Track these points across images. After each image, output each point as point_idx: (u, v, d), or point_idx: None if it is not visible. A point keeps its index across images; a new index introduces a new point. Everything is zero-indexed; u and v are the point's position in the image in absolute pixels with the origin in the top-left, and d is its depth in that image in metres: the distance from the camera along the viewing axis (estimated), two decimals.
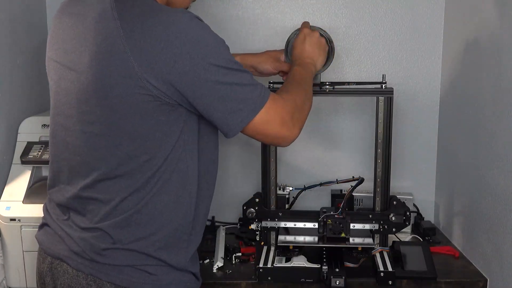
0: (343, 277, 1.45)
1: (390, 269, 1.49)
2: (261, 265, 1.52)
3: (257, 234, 1.63)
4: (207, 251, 1.68)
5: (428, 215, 1.97)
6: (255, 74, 1.60)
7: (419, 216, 1.93)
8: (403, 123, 1.93)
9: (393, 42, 1.91)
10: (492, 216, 1.49)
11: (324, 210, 1.59)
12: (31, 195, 1.56)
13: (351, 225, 1.57)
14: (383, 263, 1.52)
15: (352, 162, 1.95)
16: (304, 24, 1.50)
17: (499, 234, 1.45)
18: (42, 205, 1.26)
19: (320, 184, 1.72)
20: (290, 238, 1.59)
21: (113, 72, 1.04)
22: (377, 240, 1.61)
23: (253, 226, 1.62)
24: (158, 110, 1.06)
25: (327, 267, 1.48)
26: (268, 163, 1.61)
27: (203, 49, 1.04)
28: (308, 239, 1.58)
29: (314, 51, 1.44)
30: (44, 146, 1.60)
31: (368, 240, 1.57)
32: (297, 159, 1.97)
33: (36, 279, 1.23)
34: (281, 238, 1.60)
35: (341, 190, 1.86)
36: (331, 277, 1.45)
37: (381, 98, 1.55)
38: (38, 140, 1.63)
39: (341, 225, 1.56)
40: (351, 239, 1.57)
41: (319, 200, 1.87)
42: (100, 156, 1.10)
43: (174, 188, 1.13)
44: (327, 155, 1.98)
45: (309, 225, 1.61)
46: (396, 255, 1.59)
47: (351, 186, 1.64)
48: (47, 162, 1.24)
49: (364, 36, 1.91)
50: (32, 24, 1.81)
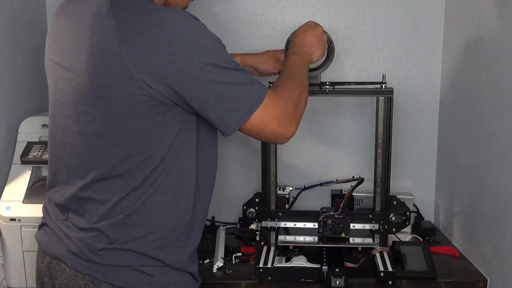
0: (343, 277, 1.45)
1: (390, 269, 1.49)
2: (261, 265, 1.52)
3: (257, 234, 1.63)
4: (207, 251, 1.68)
5: (428, 215, 1.97)
6: (255, 74, 1.60)
7: (419, 216, 1.93)
8: (403, 123, 1.93)
9: (393, 42, 1.91)
10: (492, 216, 1.49)
11: (324, 210, 1.59)
12: (31, 195, 1.56)
13: (351, 225, 1.57)
14: (383, 263, 1.52)
15: (352, 162, 1.95)
16: (309, 22, 1.50)
17: (499, 234, 1.45)
18: (42, 205, 1.26)
19: (320, 184, 1.72)
20: (290, 238, 1.59)
21: (108, 73, 1.04)
22: (377, 240, 1.61)
23: (253, 226, 1.62)
24: (154, 110, 1.06)
25: (327, 267, 1.48)
26: (268, 163, 1.61)
27: (199, 48, 1.04)
28: (308, 239, 1.58)
29: (314, 41, 1.44)
30: (44, 146, 1.60)
31: (368, 240, 1.57)
32: (297, 159, 1.97)
33: (35, 279, 1.23)
34: (281, 238, 1.59)
35: (341, 190, 1.86)
36: (331, 277, 1.45)
37: (381, 98, 1.55)
38: (38, 140, 1.63)
39: (341, 225, 1.56)
40: (351, 239, 1.57)
41: (319, 200, 1.87)
42: (97, 156, 1.10)
43: (171, 188, 1.13)
44: (327, 155, 1.97)
45: (309, 225, 1.61)
46: (396, 255, 1.59)
47: (351, 186, 1.64)
48: (47, 162, 1.24)
49: (364, 36, 1.91)
50: (32, 24, 1.80)
